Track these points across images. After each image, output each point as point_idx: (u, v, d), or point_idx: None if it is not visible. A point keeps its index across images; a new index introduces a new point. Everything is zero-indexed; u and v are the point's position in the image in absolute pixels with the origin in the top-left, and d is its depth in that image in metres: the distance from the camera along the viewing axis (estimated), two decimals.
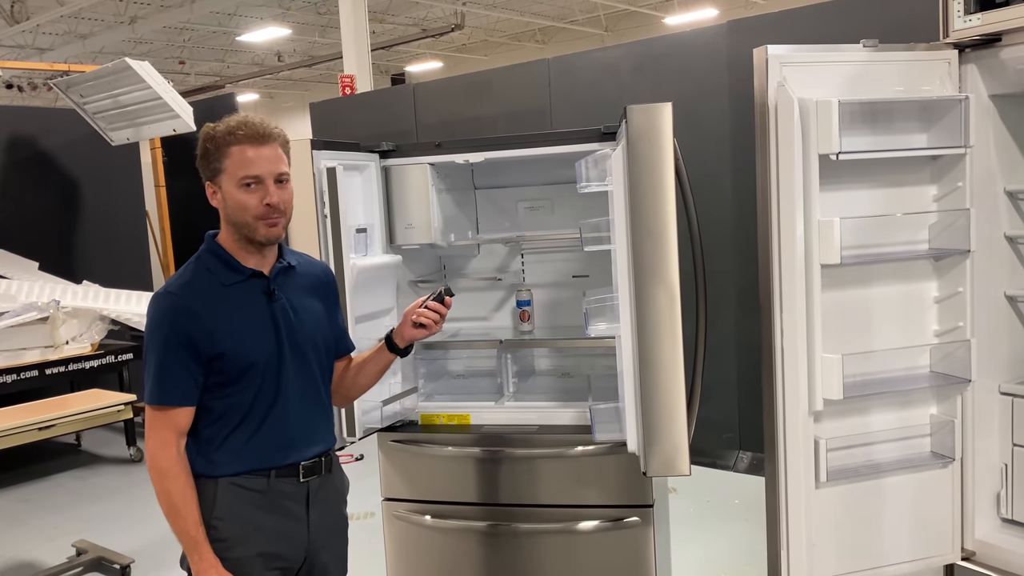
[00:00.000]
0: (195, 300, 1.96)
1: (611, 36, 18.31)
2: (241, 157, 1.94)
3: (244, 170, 1.94)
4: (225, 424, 2.00)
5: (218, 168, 1.96)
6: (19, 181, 7.17)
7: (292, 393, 2.05)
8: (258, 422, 2.01)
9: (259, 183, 1.95)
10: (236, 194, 1.95)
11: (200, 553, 1.93)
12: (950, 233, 2.65)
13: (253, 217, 1.96)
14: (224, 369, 1.97)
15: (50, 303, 6.07)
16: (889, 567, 2.78)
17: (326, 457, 2.14)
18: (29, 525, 5.09)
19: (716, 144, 5.00)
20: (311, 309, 2.14)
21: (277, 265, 2.09)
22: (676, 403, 2.27)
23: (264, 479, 2.02)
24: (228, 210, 1.99)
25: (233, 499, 1.99)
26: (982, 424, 2.75)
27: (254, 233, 1.98)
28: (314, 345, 2.12)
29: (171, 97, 6.11)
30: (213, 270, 2.02)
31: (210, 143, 1.97)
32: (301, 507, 2.07)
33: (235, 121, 1.97)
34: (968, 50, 2.64)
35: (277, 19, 16.06)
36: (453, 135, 4.49)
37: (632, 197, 2.23)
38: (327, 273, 2.28)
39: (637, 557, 2.81)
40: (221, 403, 1.99)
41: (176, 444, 1.96)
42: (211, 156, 1.97)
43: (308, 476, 2.08)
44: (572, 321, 3.38)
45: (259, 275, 2.05)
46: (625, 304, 2.35)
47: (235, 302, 2.00)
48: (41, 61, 14.44)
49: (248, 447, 2.01)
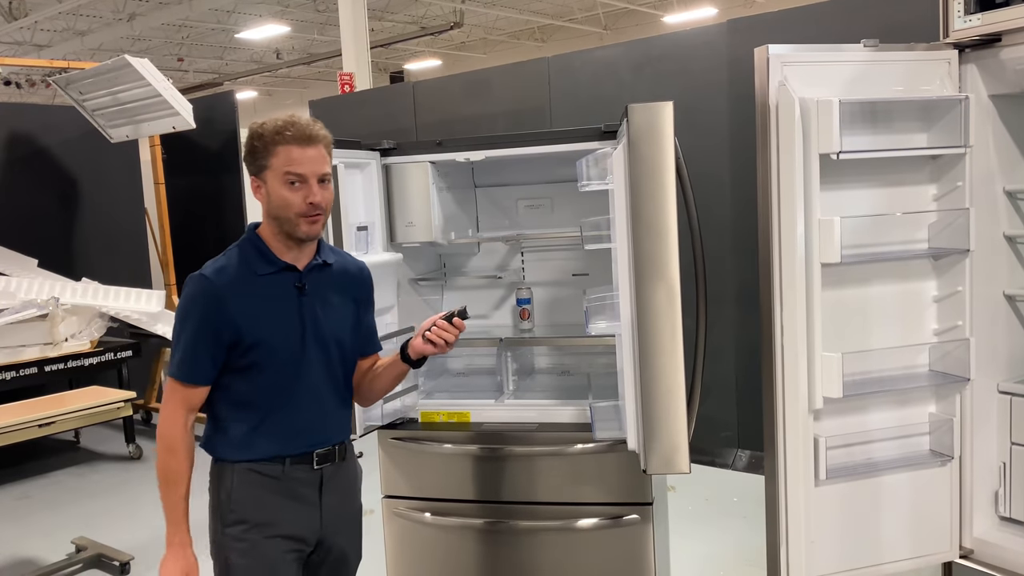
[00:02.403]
0: (226, 285, 2.04)
1: (610, 35, 18.32)
2: (287, 156, 2.01)
3: (290, 168, 2.01)
4: (245, 410, 2.09)
5: (264, 165, 2.03)
6: (18, 178, 7.15)
7: (311, 385, 2.13)
8: (277, 410, 2.09)
9: (303, 182, 2.02)
10: (280, 191, 2.02)
11: (177, 527, 2.06)
12: (950, 232, 2.66)
13: (296, 214, 2.03)
14: (246, 355, 2.05)
15: (49, 300, 6.07)
16: (888, 564, 2.79)
17: (340, 446, 2.21)
18: (28, 522, 5.09)
19: (715, 143, 5.00)
20: (340, 307, 2.20)
21: (312, 261, 2.15)
22: (676, 401, 2.28)
23: (279, 466, 2.10)
24: (271, 205, 2.06)
25: (250, 483, 2.08)
26: (981, 423, 2.76)
27: (295, 229, 2.05)
28: (338, 341, 2.18)
29: (170, 94, 6.09)
30: (249, 258, 2.10)
31: (258, 141, 2.03)
32: (314, 492, 2.15)
33: (283, 121, 2.03)
34: (968, 50, 2.65)
35: (276, 16, 16.05)
36: (452, 133, 4.49)
37: (633, 196, 2.23)
38: (362, 271, 2.32)
39: (636, 555, 2.82)
40: (242, 388, 2.08)
41: (185, 418, 2.06)
42: (258, 153, 2.03)
43: (322, 463, 2.15)
44: (572, 319, 3.39)
45: (292, 268, 2.11)
46: (625, 302, 2.36)
47: (265, 292, 2.08)
48: (39, 58, 14.41)
49: (266, 434, 2.09)
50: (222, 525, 2.09)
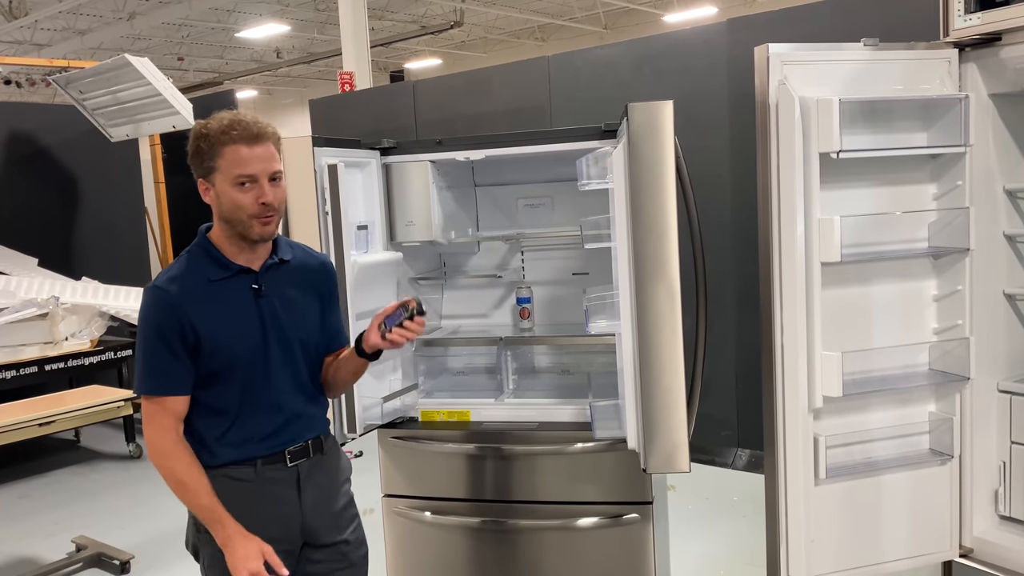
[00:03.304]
0: (180, 294, 1.98)
1: (610, 34, 18.31)
2: (236, 156, 1.95)
3: (239, 169, 1.95)
4: (213, 416, 2.04)
5: (212, 167, 1.97)
6: (18, 177, 7.16)
7: (278, 386, 2.08)
8: (244, 415, 2.04)
9: (254, 182, 1.96)
10: (230, 192, 1.96)
11: (221, 522, 1.97)
12: (949, 231, 2.66)
13: (248, 216, 1.97)
14: (208, 363, 2.00)
15: (49, 299, 6.07)
16: (888, 564, 2.79)
17: (315, 441, 2.16)
18: (28, 521, 5.10)
19: (715, 142, 5.00)
20: (301, 304, 2.14)
21: (268, 261, 2.09)
22: (676, 400, 2.28)
23: (251, 468, 2.06)
24: (222, 208, 2.00)
25: (224, 488, 2.02)
26: (980, 422, 2.76)
27: (248, 231, 2.00)
28: (301, 339, 2.13)
29: (171, 94, 6.10)
30: (201, 265, 2.04)
31: (203, 141, 1.97)
32: (292, 491, 2.10)
33: (228, 120, 1.97)
34: (968, 49, 2.64)
35: (276, 15, 16.05)
36: (453, 132, 4.49)
37: (633, 194, 2.23)
38: (325, 266, 2.27)
39: (636, 554, 2.82)
40: (207, 396, 2.03)
41: (174, 429, 2.00)
42: (204, 154, 1.97)
43: (296, 460, 2.10)
44: (572, 318, 3.39)
45: (247, 271, 2.06)
46: (625, 301, 2.35)
47: (221, 297, 2.02)
48: (40, 57, 14.41)
49: (235, 438, 2.04)
50: (195, 530, 2.08)
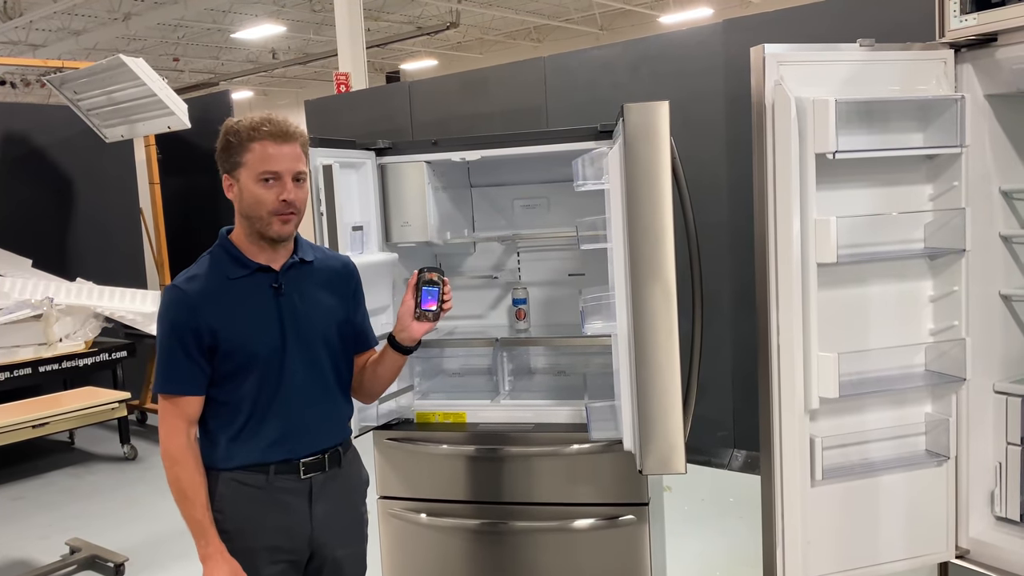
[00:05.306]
0: (198, 294, 1.99)
1: (606, 35, 18.32)
2: (263, 153, 1.97)
3: (264, 165, 1.97)
4: (227, 417, 2.03)
5: (238, 162, 1.99)
6: (12, 178, 7.13)
7: (297, 388, 2.06)
8: (259, 417, 2.03)
9: (277, 179, 1.98)
10: (254, 188, 1.98)
11: (206, 538, 1.98)
12: (945, 232, 2.66)
13: (268, 212, 1.98)
14: (225, 362, 2.00)
15: (44, 300, 6.05)
16: (884, 565, 2.79)
17: (333, 452, 2.14)
18: (22, 523, 5.07)
19: (711, 143, 5.00)
20: (324, 304, 2.14)
21: (289, 260, 2.10)
22: (672, 401, 2.27)
23: (263, 475, 2.04)
24: (243, 204, 2.01)
25: (233, 493, 2.02)
26: (976, 422, 2.76)
27: (267, 228, 2.00)
28: (325, 340, 2.12)
29: (166, 94, 6.08)
30: (221, 263, 2.05)
31: (233, 136, 1.99)
32: (303, 502, 2.08)
33: (259, 118, 1.99)
34: (964, 50, 2.65)
35: (271, 16, 16.02)
36: (448, 133, 4.48)
37: (629, 195, 2.23)
38: (347, 267, 2.26)
39: (632, 555, 2.81)
40: (223, 396, 2.02)
41: (186, 432, 2.00)
42: (232, 149, 1.99)
43: (310, 472, 2.08)
44: (568, 319, 3.39)
45: (266, 270, 2.06)
46: (621, 302, 2.35)
47: (239, 296, 2.02)
48: (34, 57, 14.38)
49: (247, 441, 2.03)
50: None
